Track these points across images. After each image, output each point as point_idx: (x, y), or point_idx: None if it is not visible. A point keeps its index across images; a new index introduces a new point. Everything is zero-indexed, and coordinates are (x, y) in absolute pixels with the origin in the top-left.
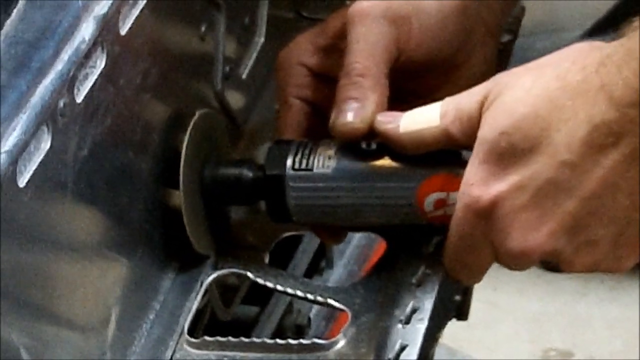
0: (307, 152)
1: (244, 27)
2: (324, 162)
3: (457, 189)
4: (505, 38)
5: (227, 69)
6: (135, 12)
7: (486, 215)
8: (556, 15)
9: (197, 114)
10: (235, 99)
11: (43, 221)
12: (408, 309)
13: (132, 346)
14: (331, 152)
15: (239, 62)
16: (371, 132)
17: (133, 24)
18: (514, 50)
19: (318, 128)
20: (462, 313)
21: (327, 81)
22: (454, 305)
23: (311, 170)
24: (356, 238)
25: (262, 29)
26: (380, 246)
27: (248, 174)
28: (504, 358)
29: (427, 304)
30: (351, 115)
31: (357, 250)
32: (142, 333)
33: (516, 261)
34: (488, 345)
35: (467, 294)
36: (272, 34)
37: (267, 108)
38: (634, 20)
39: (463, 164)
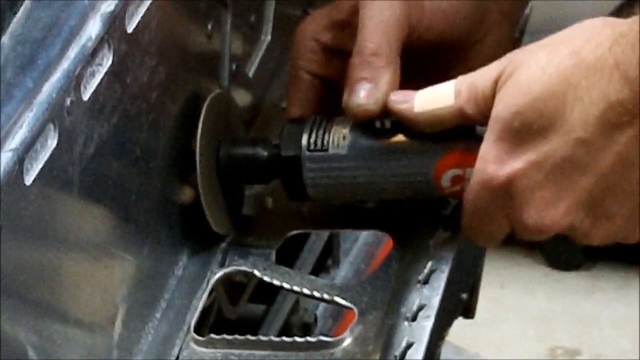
0: (321, 131)
1: (251, 25)
2: (339, 141)
3: (473, 164)
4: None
5: (234, 66)
6: (142, 10)
7: (502, 192)
8: (564, 14)
9: (211, 95)
10: (242, 97)
11: (49, 219)
12: (415, 307)
13: (139, 344)
14: (345, 131)
15: (245, 60)
16: (385, 111)
17: (140, 21)
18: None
19: (331, 103)
20: (468, 311)
21: (341, 56)
22: (460, 303)
23: (326, 150)
24: (362, 236)
25: (269, 26)
26: (386, 244)
27: (263, 153)
28: (511, 356)
29: (434, 301)
30: (364, 95)
31: (363, 248)
32: (149, 331)
33: (532, 235)
34: (495, 344)
35: (473, 292)
36: (278, 32)
37: (274, 105)
38: None
39: (479, 139)
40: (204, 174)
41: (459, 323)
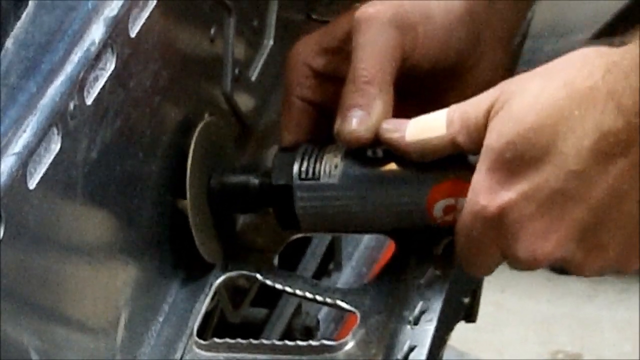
0: (312, 160)
1: (254, 30)
2: (331, 170)
3: (465, 194)
4: (515, 40)
5: (237, 71)
6: (145, 14)
7: (494, 223)
8: (564, 18)
9: (202, 122)
10: (245, 101)
11: (53, 223)
12: (417, 310)
13: (142, 348)
14: (337, 160)
15: (248, 64)
16: (377, 140)
17: (143, 26)
18: (523, 52)
19: (323, 129)
20: (470, 315)
21: (333, 82)
22: (462, 307)
23: (318, 179)
24: (365, 240)
25: (272, 31)
26: (389, 248)
27: (254, 181)
28: None
29: (436, 305)
30: (356, 123)
31: (365, 252)
32: (152, 335)
33: (524, 267)
34: (496, 348)
35: (475, 296)
36: (281, 37)
37: (276, 110)
38: (639, 28)
39: (471, 168)
40: (194, 203)
41: (461, 327)
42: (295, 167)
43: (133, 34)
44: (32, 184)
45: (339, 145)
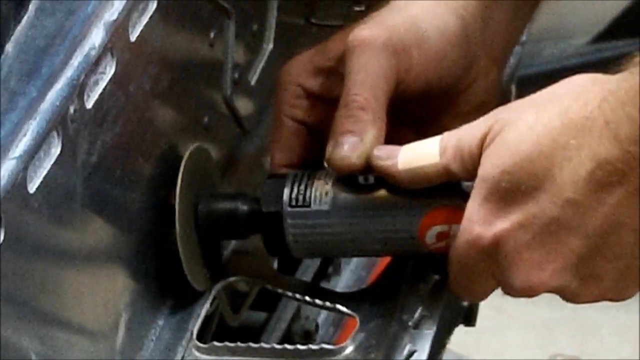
0: (303, 186)
1: (253, 34)
2: (321, 197)
3: (459, 221)
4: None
5: (236, 75)
6: (145, 18)
7: (488, 252)
8: (563, 23)
9: (189, 151)
10: (244, 105)
11: (53, 227)
12: (417, 314)
13: (141, 351)
14: (328, 186)
15: (247, 68)
16: (369, 166)
17: (143, 30)
18: (521, 57)
19: (313, 150)
20: (469, 319)
21: (325, 103)
22: (461, 311)
23: (308, 206)
24: None
25: (271, 35)
26: None
27: (243, 207)
28: None
29: (436, 309)
30: (348, 149)
31: None
32: (151, 338)
33: (519, 295)
34: (496, 352)
35: None
36: (280, 41)
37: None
38: (635, 55)
39: (464, 195)
40: (183, 232)
41: (460, 331)
42: (286, 194)
43: (133, 38)
44: (32, 188)
45: (329, 171)
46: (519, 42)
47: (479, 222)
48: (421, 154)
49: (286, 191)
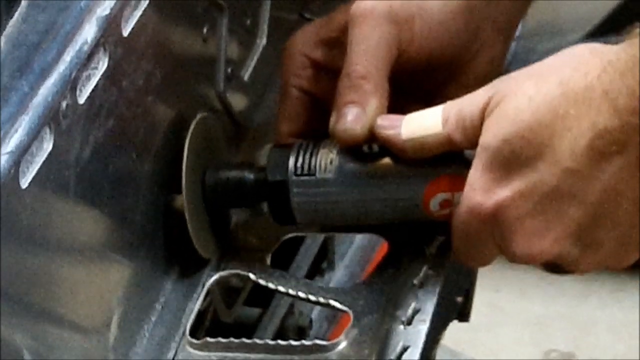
0: (308, 155)
1: (246, 29)
2: (326, 165)
3: (462, 189)
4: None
5: (229, 70)
6: (138, 13)
7: (489, 220)
8: (559, 18)
9: (196, 119)
10: (238, 101)
11: (45, 222)
12: (410, 310)
13: (135, 347)
14: (332, 155)
15: (241, 63)
16: (373, 135)
17: (135, 25)
18: (516, 52)
19: (319, 120)
20: (464, 315)
21: (330, 74)
22: (455, 307)
23: (314, 174)
24: (358, 239)
25: (264, 30)
26: (382, 247)
27: (250, 176)
28: None
29: (429, 305)
30: (351, 120)
31: (359, 252)
32: (144, 334)
33: (521, 262)
34: (490, 348)
35: (468, 295)
36: (274, 36)
37: (269, 109)
38: (635, 26)
39: (467, 163)
40: (190, 199)
41: (454, 327)
42: (291, 163)
43: (126, 33)
44: (25, 183)
45: (334, 140)
46: (524, 15)
47: (480, 190)
48: (424, 124)
49: (291, 160)
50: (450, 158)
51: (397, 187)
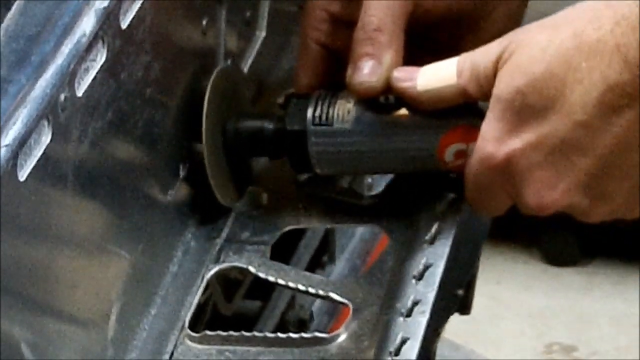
0: (326, 105)
1: (246, 21)
2: (344, 116)
3: (476, 140)
4: None
5: (229, 62)
6: (136, 5)
7: (501, 170)
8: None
9: (217, 69)
10: None
11: (44, 215)
12: (410, 302)
13: (134, 340)
14: (350, 105)
15: (240, 56)
16: (389, 87)
17: (134, 17)
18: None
19: (337, 74)
20: (465, 307)
21: (349, 27)
22: (456, 299)
23: (331, 124)
24: (358, 232)
25: (264, 22)
26: (382, 240)
27: (269, 126)
28: (507, 353)
29: (429, 297)
30: (367, 72)
31: (359, 245)
32: (144, 327)
33: (532, 212)
34: (491, 340)
35: (470, 288)
36: (273, 28)
37: (269, 101)
38: None
39: (482, 115)
40: (210, 146)
41: (455, 319)
42: (309, 113)
43: (124, 26)
44: (23, 175)
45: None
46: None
47: (492, 140)
48: (439, 76)
49: (310, 110)
50: (465, 109)
51: (412, 137)
